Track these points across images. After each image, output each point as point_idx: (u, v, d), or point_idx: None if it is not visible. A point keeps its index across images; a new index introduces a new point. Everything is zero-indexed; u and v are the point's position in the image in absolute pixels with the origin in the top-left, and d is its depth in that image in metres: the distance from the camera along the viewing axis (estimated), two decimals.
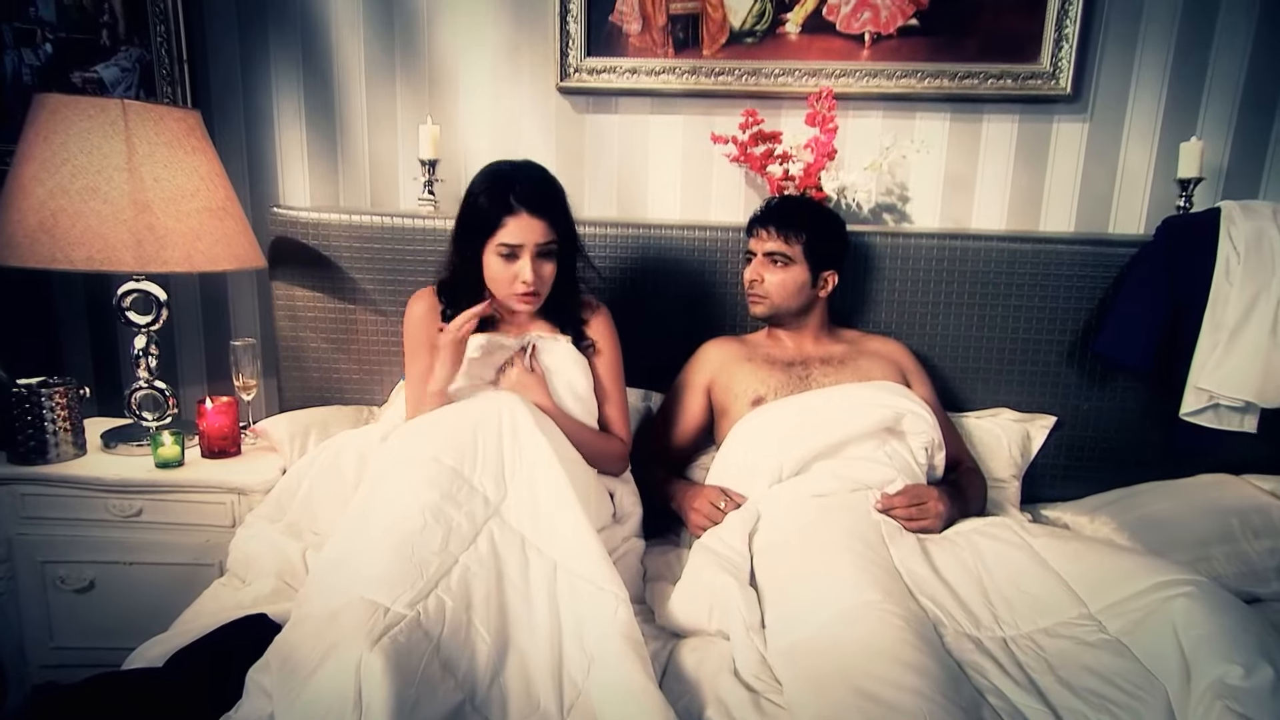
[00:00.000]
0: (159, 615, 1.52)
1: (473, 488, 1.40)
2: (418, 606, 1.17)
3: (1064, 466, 2.05)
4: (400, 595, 1.17)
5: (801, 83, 2.17)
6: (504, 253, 1.57)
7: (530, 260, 1.58)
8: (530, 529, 1.40)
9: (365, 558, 1.24)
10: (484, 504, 1.39)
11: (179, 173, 1.77)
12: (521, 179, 1.58)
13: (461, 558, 1.29)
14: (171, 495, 1.81)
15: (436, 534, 1.29)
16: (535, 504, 1.42)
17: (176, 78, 2.23)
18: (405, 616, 1.14)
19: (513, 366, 1.66)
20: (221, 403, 1.89)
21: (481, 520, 1.37)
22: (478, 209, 1.58)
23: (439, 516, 1.31)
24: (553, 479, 1.42)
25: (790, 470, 1.69)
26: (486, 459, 1.44)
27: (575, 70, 2.20)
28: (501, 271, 1.59)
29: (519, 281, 1.59)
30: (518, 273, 1.58)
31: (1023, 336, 2.04)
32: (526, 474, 1.45)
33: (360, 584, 1.18)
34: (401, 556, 1.23)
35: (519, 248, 1.57)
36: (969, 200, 2.24)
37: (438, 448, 1.42)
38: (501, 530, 1.38)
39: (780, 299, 1.85)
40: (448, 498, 1.35)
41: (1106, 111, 2.16)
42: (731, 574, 1.44)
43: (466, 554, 1.30)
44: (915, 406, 1.74)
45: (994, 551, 1.52)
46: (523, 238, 1.56)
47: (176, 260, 1.75)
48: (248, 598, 1.48)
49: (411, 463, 1.41)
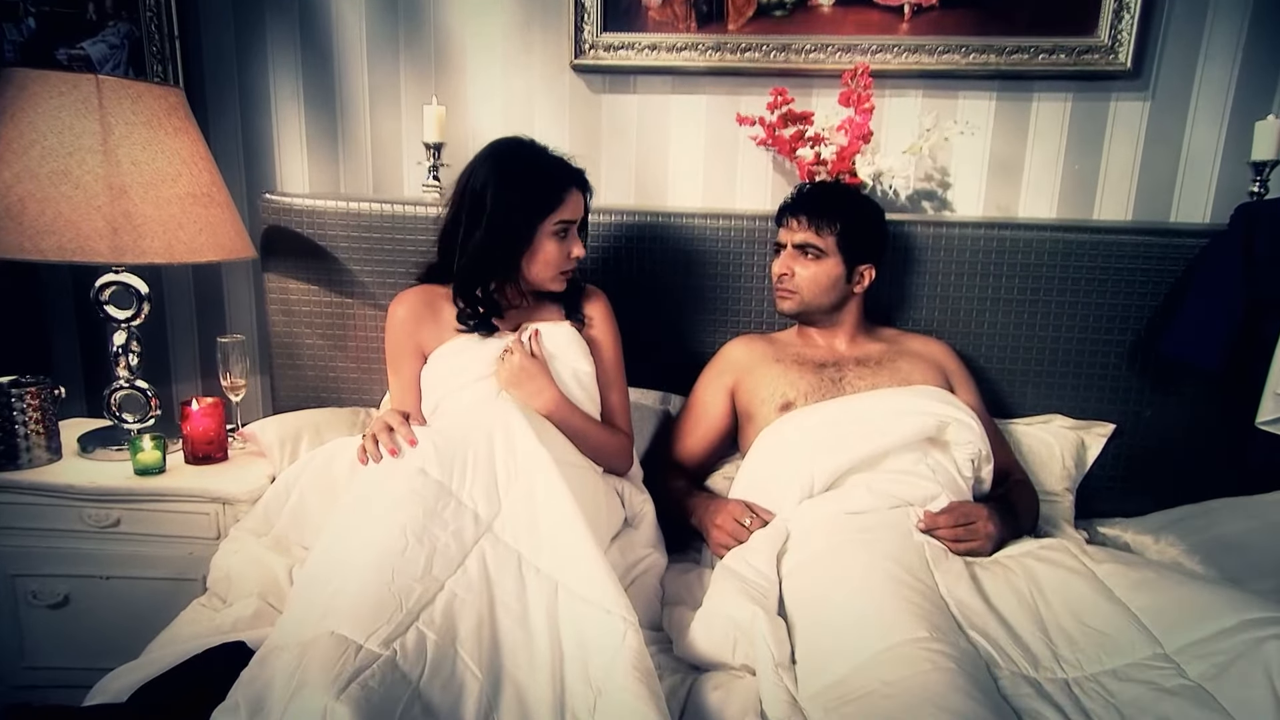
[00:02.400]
0: (138, 633, 1.43)
1: (461, 504, 1.31)
2: (394, 644, 1.07)
3: (1123, 479, 1.91)
4: (375, 631, 1.07)
5: (835, 59, 2.04)
6: (559, 230, 1.56)
7: (576, 235, 1.60)
8: (528, 545, 1.30)
9: (339, 584, 1.15)
10: (474, 522, 1.30)
11: (159, 155, 1.65)
12: (556, 158, 1.58)
13: (448, 583, 1.20)
14: (151, 504, 1.70)
15: (419, 557, 1.21)
16: (534, 517, 1.32)
17: (167, 55, 2.11)
18: (379, 657, 1.04)
19: (511, 354, 1.56)
20: (207, 404, 1.76)
21: (471, 540, 1.28)
22: (537, 185, 1.54)
23: (423, 537, 1.23)
24: (554, 490, 1.33)
25: (822, 484, 1.56)
26: (477, 471, 1.35)
27: (591, 47, 2.09)
28: (555, 250, 1.57)
29: (570, 258, 1.59)
30: (570, 249, 1.59)
31: (1078, 336, 1.91)
32: (524, 485, 1.35)
33: (332, 615, 1.09)
34: (379, 583, 1.14)
35: (572, 224, 1.58)
36: (1016, 186, 2.11)
37: (424, 458, 1.34)
38: (495, 549, 1.28)
39: (811, 295, 1.73)
40: (432, 515, 1.27)
41: (1170, 88, 2.01)
42: (758, 602, 1.32)
43: (454, 579, 1.21)
44: (961, 414, 1.60)
45: (1052, 579, 1.39)
46: (576, 213, 1.58)
47: (156, 250, 1.62)
48: (227, 620, 1.39)
49: (394, 475, 1.33)
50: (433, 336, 1.61)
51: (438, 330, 1.61)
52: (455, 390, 1.57)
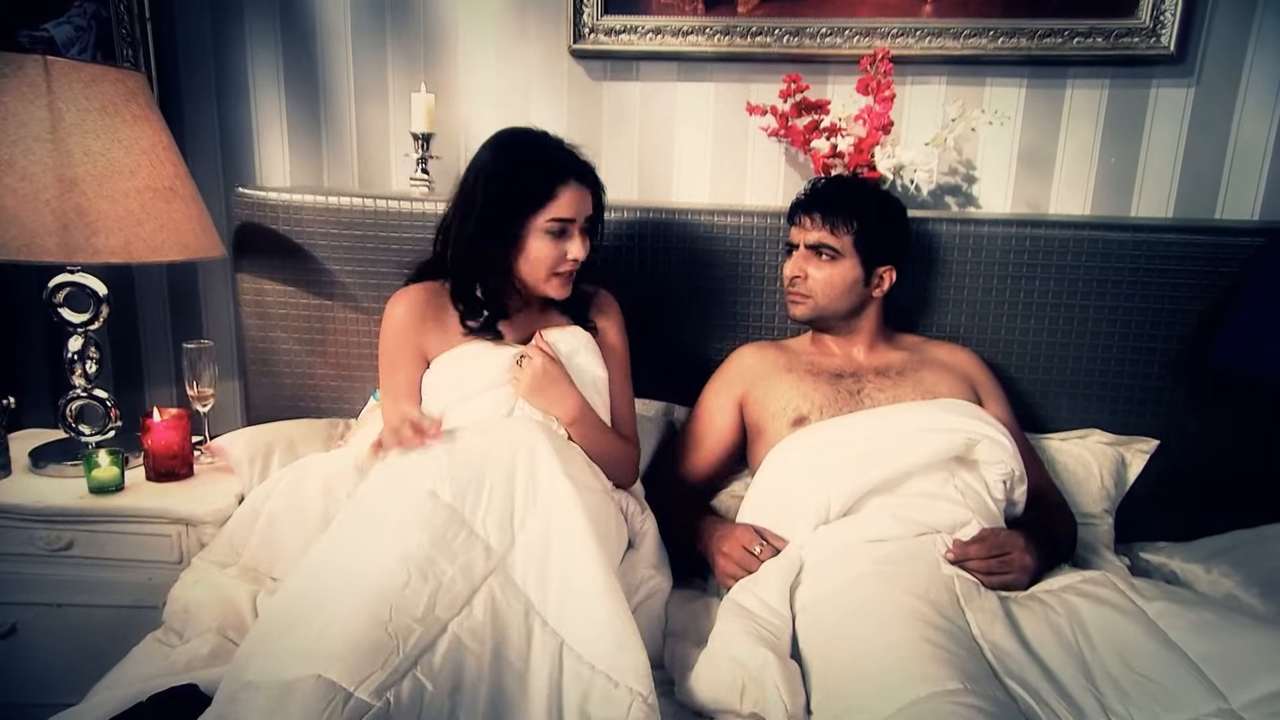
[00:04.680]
0: (92, 666, 1.31)
1: (473, 533, 1.19)
2: (388, 694, 0.96)
3: (1166, 500, 1.76)
4: (368, 677, 0.96)
5: (852, 44, 1.91)
6: (554, 229, 1.42)
7: (580, 235, 1.45)
8: (537, 591, 1.18)
9: (328, 619, 1.02)
10: (485, 554, 1.18)
11: (115, 145, 1.52)
12: (560, 146, 1.46)
13: (451, 625, 1.08)
14: (108, 526, 1.57)
15: (423, 594, 1.08)
16: (546, 559, 1.20)
17: (138, 38, 1.98)
18: (371, 708, 0.93)
19: (531, 358, 1.43)
20: (170, 416, 1.63)
21: (480, 576, 1.16)
22: (524, 179, 1.42)
23: (427, 571, 1.11)
24: (573, 530, 1.21)
25: (839, 508, 1.43)
26: (493, 498, 1.24)
27: (590, 30, 1.96)
28: (548, 251, 1.43)
29: (567, 260, 1.44)
30: (566, 250, 1.44)
31: (1117, 343, 1.78)
32: (541, 520, 1.23)
33: (320, 656, 0.97)
34: (375, 622, 1.02)
35: (570, 223, 1.43)
36: (1047, 181, 1.98)
37: (435, 478, 1.22)
38: (504, 589, 1.16)
39: (826, 299, 1.61)
40: (441, 545, 1.15)
41: (1217, 74, 1.87)
42: (769, 644, 1.19)
43: (458, 620, 1.09)
44: (991, 430, 1.47)
45: (1097, 618, 1.25)
46: (575, 210, 1.43)
47: (111, 249, 1.49)
48: (181, 659, 1.26)
49: (401, 495, 1.22)
50: (438, 340, 1.48)
51: (443, 333, 1.48)
52: (462, 400, 1.44)
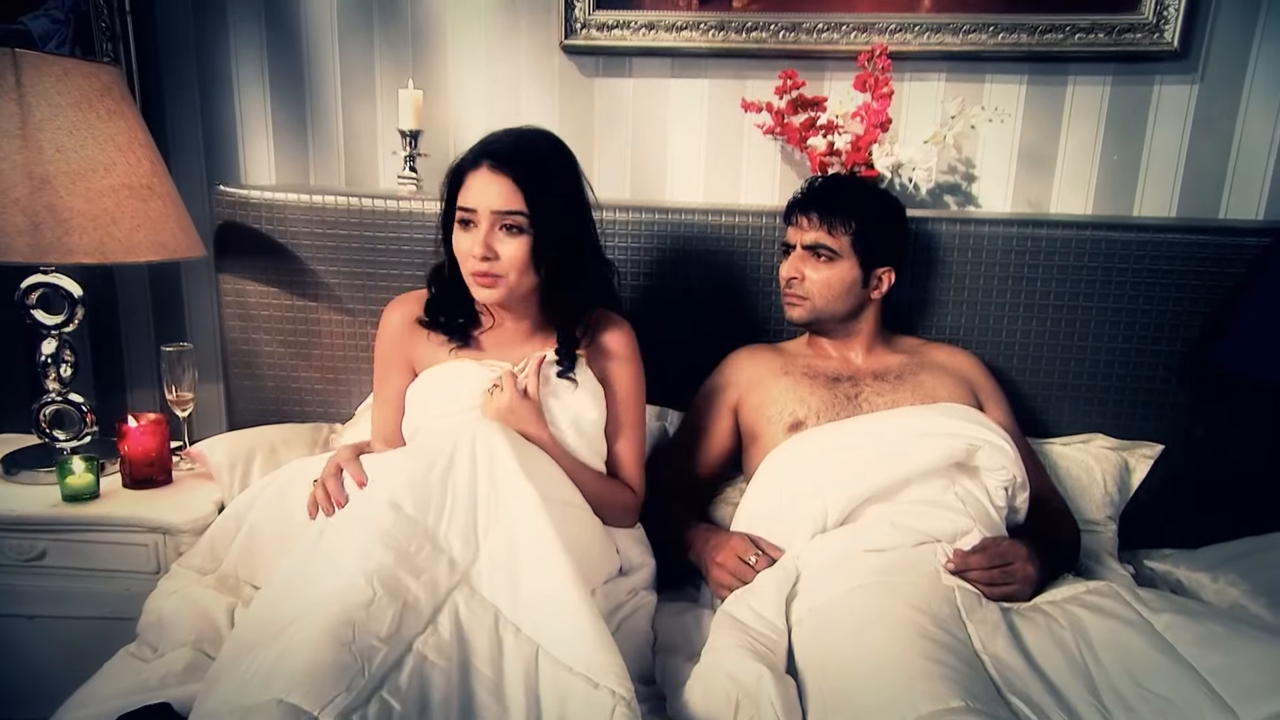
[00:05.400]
0: (67, 679, 1.26)
1: (437, 546, 1.14)
2: (354, 718, 0.90)
3: (1171, 506, 1.72)
4: (332, 701, 0.91)
5: (850, 39, 1.87)
6: (463, 218, 1.31)
7: (485, 229, 1.28)
8: (507, 601, 1.12)
9: (289, 642, 0.97)
10: (449, 568, 1.13)
11: (89, 141, 1.47)
12: (505, 134, 1.33)
13: (416, 644, 1.03)
14: (82, 534, 1.52)
15: (387, 612, 1.03)
16: (515, 568, 1.14)
17: (118, 32, 1.93)
18: None
19: (500, 389, 1.33)
20: (148, 421, 1.58)
21: (445, 591, 1.10)
22: (449, 173, 1.34)
23: (393, 588, 1.06)
24: (539, 535, 1.14)
25: (837, 516, 1.39)
26: (456, 507, 1.17)
27: (582, 25, 1.91)
28: (460, 245, 1.32)
29: (470, 257, 1.29)
30: (468, 247, 1.30)
31: (1120, 345, 1.74)
32: (505, 528, 1.17)
33: (280, 679, 0.92)
34: (338, 643, 0.97)
35: (474, 213, 1.29)
36: (1048, 179, 1.94)
37: (396, 489, 1.16)
38: (469, 603, 1.11)
39: (823, 301, 1.56)
40: (405, 561, 1.09)
41: (1221, 71, 1.83)
42: (764, 658, 1.15)
43: (423, 639, 1.04)
44: (992, 435, 1.42)
45: (1102, 630, 1.21)
46: (479, 200, 1.27)
47: (85, 249, 1.44)
48: (155, 675, 1.21)
49: (363, 509, 1.16)
50: (426, 353, 1.42)
51: (432, 347, 1.42)
52: (438, 418, 1.37)
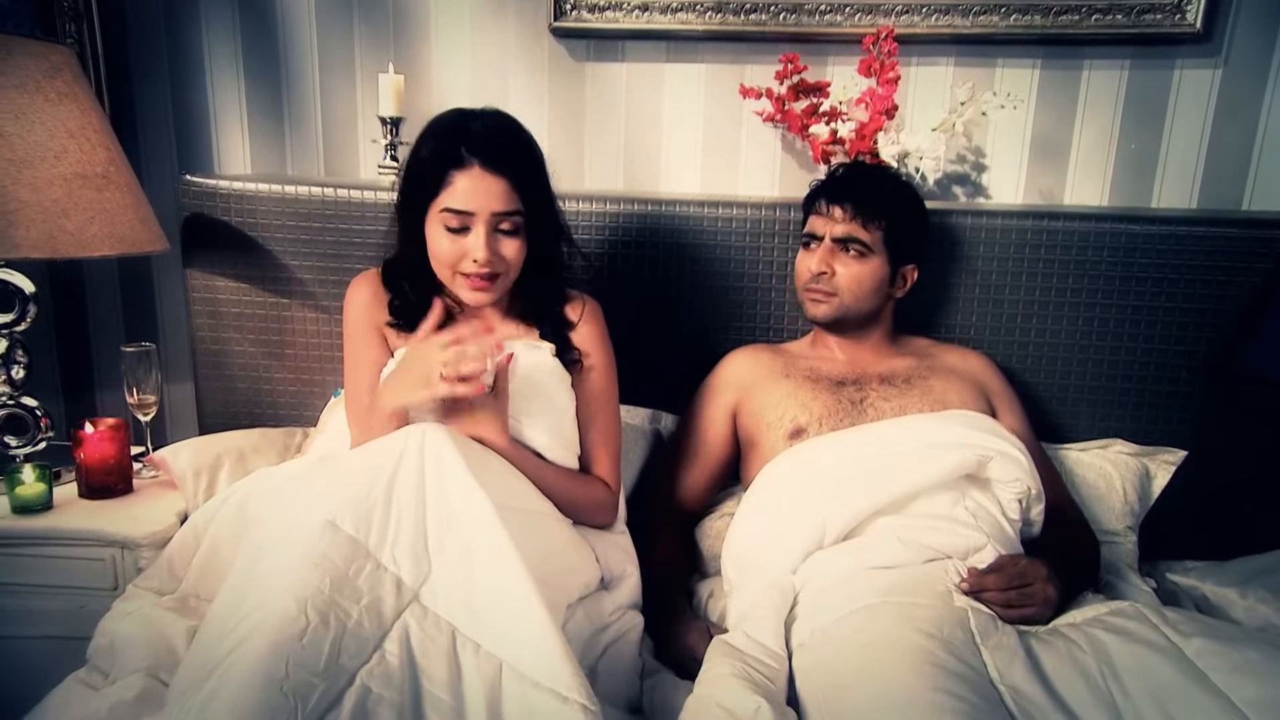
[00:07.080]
0: (18, 705, 1.21)
1: (380, 566, 1.03)
2: None
3: (1194, 515, 1.64)
4: None
5: (854, 21, 1.79)
6: (451, 223, 1.25)
7: (486, 232, 1.24)
8: (465, 618, 1.02)
9: (216, 683, 0.88)
10: (396, 589, 1.02)
11: (35, 126, 1.37)
12: (478, 124, 1.26)
13: (360, 675, 0.93)
14: (32, 548, 1.42)
15: (323, 642, 0.93)
16: (471, 581, 1.04)
17: (81, 11, 1.83)
18: None
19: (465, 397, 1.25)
20: (106, 426, 1.49)
21: (392, 615, 1.00)
22: (420, 163, 1.27)
23: (328, 615, 0.95)
24: (496, 545, 1.05)
25: (839, 531, 1.30)
26: (403, 522, 1.07)
27: (573, 6, 1.83)
28: (447, 248, 1.26)
29: (468, 260, 1.25)
30: (467, 249, 1.25)
31: (1140, 345, 1.67)
32: (460, 539, 1.07)
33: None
34: (269, 682, 0.87)
35: (470, 216, 1.24)
36: (1062, 169, 1.85)
37: (335, 505, 1.05)
38: (422, 624, 1.01)
39: (853, 299, 1.50)
40: (342, 585, 0.99)
41: (1247, 54, 1.75)
42: (762, 688, 1.06)
43: (367, 669, 0.94)
44: (1006, 445, 1.34)
45: (1127, 657, 1.11)
46: (476, 202, 1.23)
47: (33, 242, 1.35)
48: (104, 705, 1.10)
49: (296, 528, 1.04)
50: (395, 333, 1.37)
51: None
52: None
